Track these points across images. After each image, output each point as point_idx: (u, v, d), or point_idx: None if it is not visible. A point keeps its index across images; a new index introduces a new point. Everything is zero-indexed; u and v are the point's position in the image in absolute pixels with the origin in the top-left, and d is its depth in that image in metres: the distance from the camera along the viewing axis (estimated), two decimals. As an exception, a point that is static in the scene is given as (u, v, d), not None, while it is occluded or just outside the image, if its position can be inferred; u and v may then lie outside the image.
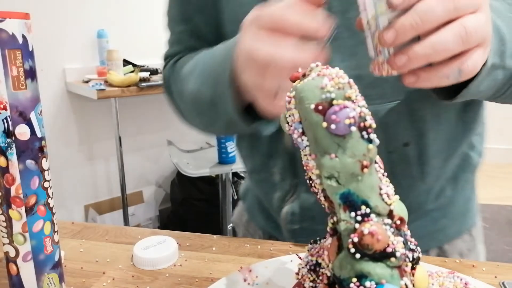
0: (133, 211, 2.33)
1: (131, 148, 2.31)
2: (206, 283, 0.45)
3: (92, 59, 2.14)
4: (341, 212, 0.28)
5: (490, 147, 2.91)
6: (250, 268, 0.46)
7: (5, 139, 0.35)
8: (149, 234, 0.56)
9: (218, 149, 1.73)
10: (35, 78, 0.36)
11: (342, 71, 0.29)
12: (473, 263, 0.50)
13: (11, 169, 0.35)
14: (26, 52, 0.35)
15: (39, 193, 0.37)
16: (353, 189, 0.28)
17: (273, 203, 0.62)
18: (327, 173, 0.28)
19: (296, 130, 0.30)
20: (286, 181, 0.60)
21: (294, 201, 0.60)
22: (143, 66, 2.00)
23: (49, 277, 0.39)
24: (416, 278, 0.30)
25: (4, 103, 0.34)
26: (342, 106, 0.27)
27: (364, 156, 0.28)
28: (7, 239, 0.37)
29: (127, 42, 2.21)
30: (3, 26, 0.33)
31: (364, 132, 0.28)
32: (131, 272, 0.48)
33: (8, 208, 0.36)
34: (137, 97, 2.23)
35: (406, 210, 0.30)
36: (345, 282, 0.28)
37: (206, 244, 0.55)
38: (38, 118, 0.36)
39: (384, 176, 0.31)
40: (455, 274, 0.41)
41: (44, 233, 0.38)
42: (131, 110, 2.29)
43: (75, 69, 2.08)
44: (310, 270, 0.35)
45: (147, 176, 2.45)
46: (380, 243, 0.27)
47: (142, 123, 2.36)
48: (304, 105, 0.28)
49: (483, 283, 0.42)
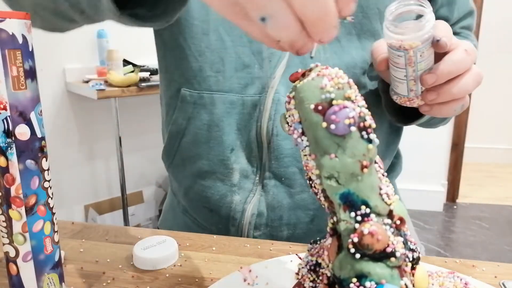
0: (133, 211, 2.33)
1: (131, 148, 2.31)
2: (206, 283, 0.45)
3: (92, 59, 2.14)
4: (341, 212, 0.28)
5: (490, 147, 2.94)
6: (250, 268, 0.46)
7: (5, 139, 0.35)
8: (149, 234, 0.56)
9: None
10: (35, 78, 0.36)
11: (341, 71, 0.29)
12: (473, 263, 0.50)
13: (11, 169, 0.35)
14: (26, 52, 0.35)
15: (39, 193, 0.37)
16: (353, 189, 0.28)
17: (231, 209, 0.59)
18: (327, 173, 0.28)
19: (296, 130, 0.30)
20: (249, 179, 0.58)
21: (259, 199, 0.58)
22: (143, 66, 1.99)
23: (49, 277, 0.39)
24: (416, 278, 0.30)
25: (4, 103, 0.34)
26: (341, 106, 0.27)
27: (364, 156, 0.28)
28: (7, 239, 0.37)
29: (127, 42, 2.21)
30: (3, 26, 0.33)
31: (364, 132, 0.28)
32: (131, 272, 0.48)
33: (8, 208, 0.36)
34: (137, 97, 2.23)
35: (406, 210, 0.30)
36: (345, 282, 0.28)
37: (206, 244, 0.55)
38: (38, 118, 0.36)
39: (384, 176, 0.31)
40: (455, 274, 0.41)
41: (44, 233, 0.38)
42: (131, 110, 2.29)
43: (75, 69, 2.08)
44: (310, 270, 0.35)
45: (147, 176, 2.45)
46: (380, 243, 0.27)
47: (142, 123, 2.36)
48: (303, 105, 0.28)
49: (483, 283, 0.42)
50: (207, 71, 0.57)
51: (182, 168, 0.63)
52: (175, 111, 0.61)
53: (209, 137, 0.58)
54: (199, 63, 0.57)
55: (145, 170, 2.43)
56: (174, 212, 0.70)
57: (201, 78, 0.58)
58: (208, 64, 0.57)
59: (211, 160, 0.59)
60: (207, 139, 0.58)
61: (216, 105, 0.57)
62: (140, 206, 2.41)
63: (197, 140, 0.59)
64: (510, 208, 2.83)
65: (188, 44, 0.58)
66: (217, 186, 0.59)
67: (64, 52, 2.04)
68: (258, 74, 0.56)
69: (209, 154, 0.59)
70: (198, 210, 0.63)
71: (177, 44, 0.59)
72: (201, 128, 0.58)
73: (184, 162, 0.62)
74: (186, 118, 0.60)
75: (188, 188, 0.63)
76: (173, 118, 0.61)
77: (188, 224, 0.66)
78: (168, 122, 0.64)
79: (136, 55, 2.18)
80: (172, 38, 0.59)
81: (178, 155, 0.63)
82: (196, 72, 0.58)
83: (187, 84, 0.59)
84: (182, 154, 0.62)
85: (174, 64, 0.61)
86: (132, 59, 2.07)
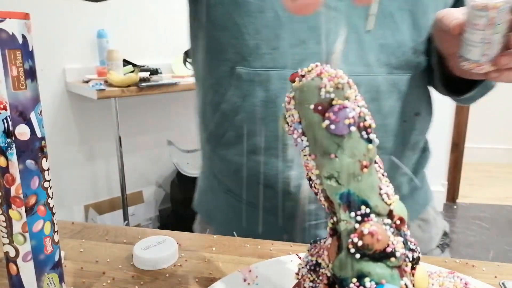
0: (133, 211, 2.33)
1: (131, 148, 2.31)
2: (206, 283, 0.45)
3: (92, 59, 2.14)
4: (341, 212, 0.28)
5: (490, 147, 2.94)
6: (250, 268, 0.46)
7: (5, 139, 0.35)
8: (149, 234, 0.56)
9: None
10: (35, 78, 0.36)
11: (341, 71, 0.29)
12: (473, 263, 0.50)
13: (11, 169, 0.35)
14: (26, 52, 0.35)
15: (39, 193, 0.37)
16: (353, 189, 0.28)
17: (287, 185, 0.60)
18: (327, 173, 0.28)
19: (295, 130, 0.30)
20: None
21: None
22: (143, 66, 1.99)
23: (49, 277, 0.39)
24: (416, 278, 0.30)
25: (4, 103, 0.34)
26: (341, 106, 0.27)
27: (364, 156, 0.28)
28: (7, 239, 0.37)
29: (127, 42, 2.21)
30: (3, 26, 0.33)
31: (364, 132, 0.28)
32: (131, 272, 0.48)
33: (8, 208, 0.36)
34: (137, 97, 2.23)
35: (406, 210, 0.30)
36: (345, 282, 0.28)
37: (206, 244, 0.55)
38: (38, 118, 0.36)
39: (384, 176, 0.31)
40: (455, 274, 0.41)
41: (44, 233, 0.38)
42: (131, 110, 2.29)
43: (75, 69, 2.08)
44: (310, 270, 0.35)
45: (147, 176, 2.45)
46: (380, 243, 0.27)
47: (142, 123, 2.36)
48: (303, 105, 0.28)
49: (483, 283, 0.42)
50: (263, 48, 0.58)
51: (233, 146, 0.64)
52: (228, 90, 0.62)
53: (265, 113, 0.59)
54: (256, 40, 0.58)
55: (145, 170, 2.43)
56: (213, 193, 0.71)
57: (256, 55, 0.59)
58: (264, 42, 0.58)
59: (267, 136, 0.60)
60: (263, 116, 0.60)
61: (272, 81, 0.58)
62: (140, 206, 2.41)
63: (253, 117, 0.60)
64: (510, 208, 2.83)
65: (244, 22, 0.59)
66: (273, 161, 0.60)
67: (64, 52, 2.04)
68: (314, 50, 0.57)
69: (265, 131, 0.60)
70: (250, 187, 0.64)
71: (233, 22, 0.60)
72: (257, 104, 0.60)
73: (237, 139, 0.63)
74: (241, 96, 0.61)
75: (240, 165, 0.64)
76: (226, 97, 0.62)
77: (232, 203, 0.67)
78: (217, 102, 0.65)
79: (136, 55, 2.18)
80: (226, 17, 0.60)
81: (229, 133, 0.64)
82: (252, 50, 0.59)
83: (243, 62, 0.60)
84: (235, 132, 0.63)
85: (227, 43, 0.62)
86: (132, 59, 2.07)
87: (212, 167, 0.71)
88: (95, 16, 2.11)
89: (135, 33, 2.26)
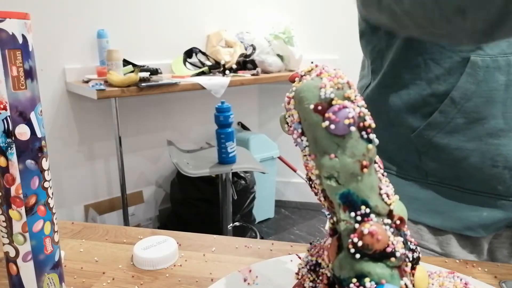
0: (133, 211, 2.33)
1: (131, 148, 2.31)
2: (206, 283, 0.45)
3: (92, 59, 2.14)
4: (341, 212, 0.28)
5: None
6: (250, 268, 0.46)
7: (5, 139, 0.35)
8: (149, 234, 0.56)
9: (218, 149, 1.73)
10: (35, 78, 0.36)
11: (341, 71, 0.29)
12: (473, 263, 0.50)
13: (11, 169, 0.35)
14: (26, 52, 0.35)
15: (39, 193, 0.37)
16: (353, 189, 0.28)
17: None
18: (326, 173, 0.28)
19: (295, 130, 0.30)
20: None
21: None
22: (143, 66, 1.99)
23: (49, 277, 0.39)
24: (416, 278, 0.30)
25: (4, 103, 0.34)
26: (341, 106, 0.27)
27: (363, 156, 0.28)
28: (7, 239, 0.37)
29: (127, 42, 2.21)
30: (3, 26, 0.33)
31: (364, 132, 0.28)
32: (131, 272, 0.48)
33: (8, 208, 0.36)
34: (137, 97, 2.23)
35: (406, 210, 0.30)
36: (345, 282, 0.28)
37: (206, 244, 0.55)
38: (38, 118, 0.36)
39: (384, 176, 0.31)
40: (455, 274, 0.41)
41: (44, 233, 0.38)
42: (131, 110, 2.29)
43: (75, 69, 2.08)
44: (310, 270, 0.35)
45: (147, 176, 2.45)
46: (380, 243, 0.27)
47: (142, 123, 2.36)
48: (303, 105, 0.28)
49: (483, 283, 0.42)
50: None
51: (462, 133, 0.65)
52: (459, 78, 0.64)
53: (506, 96, 0.61)
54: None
55: (145, 170, 2.43)
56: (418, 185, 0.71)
57: (493, 43, 0.61)
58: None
59: (507, 118, 0.62)
60: (504, 98, 0.61)
61: None
62: (140, 206, 2.41)
63: (491, 100, 0.62)
64: (510, 208, 2.82)
65: None
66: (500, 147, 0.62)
67: (64, 52, 2.04)
68: None
69: (505, 113, 0.62)
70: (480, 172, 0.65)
71: None
72: (497, 88, 0.61)
73: (468, 125, 0.64)
74: (476, 82, 0.62)
75: (470, 151, 0.64)
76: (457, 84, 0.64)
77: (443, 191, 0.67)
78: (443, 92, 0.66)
79: (136, 55, 2.18)
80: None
81: (457, 119, 0.65)
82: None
83: (478, 51, 0.62)
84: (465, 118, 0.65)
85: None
86: (132, 59, 2.07)
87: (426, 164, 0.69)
88: (95, 16, 2.11)
89: (135, 33, 2.26)
